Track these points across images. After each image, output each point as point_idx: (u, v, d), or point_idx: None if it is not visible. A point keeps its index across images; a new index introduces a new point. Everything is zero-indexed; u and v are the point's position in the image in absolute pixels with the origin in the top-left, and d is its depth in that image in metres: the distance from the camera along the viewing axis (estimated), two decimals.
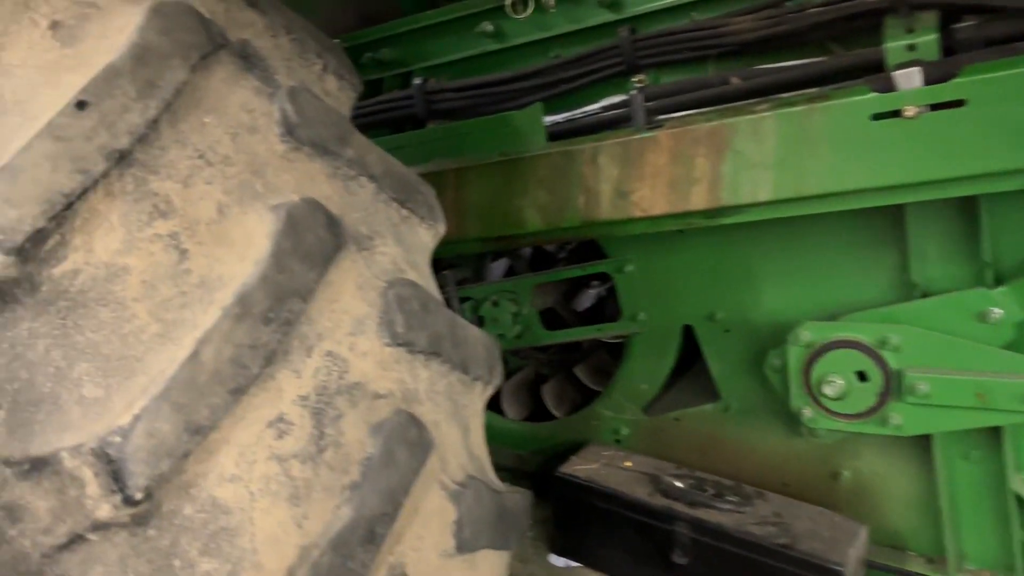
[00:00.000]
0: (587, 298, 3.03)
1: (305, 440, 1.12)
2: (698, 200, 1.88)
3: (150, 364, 1.03)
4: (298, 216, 1.16)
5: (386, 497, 1.17)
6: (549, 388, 2.80)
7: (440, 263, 2.78)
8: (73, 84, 1.05)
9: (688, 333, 2.41)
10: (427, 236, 1.53)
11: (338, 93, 1.50)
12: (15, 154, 0.98)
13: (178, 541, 1.03)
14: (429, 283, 1.47)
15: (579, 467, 2.40)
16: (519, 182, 2.14)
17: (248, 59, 1.28)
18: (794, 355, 2.11)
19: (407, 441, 1.21)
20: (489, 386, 1.53)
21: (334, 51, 1.54)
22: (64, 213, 1.00)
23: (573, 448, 2.71)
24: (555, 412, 2.77)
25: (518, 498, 1.53)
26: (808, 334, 2.08)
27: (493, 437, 2.78)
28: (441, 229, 1.56)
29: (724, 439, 2.43)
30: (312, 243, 1.17)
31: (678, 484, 2.28)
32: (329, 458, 1.14)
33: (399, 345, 1.26)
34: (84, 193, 1.02)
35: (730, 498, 2.22)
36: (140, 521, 1.00)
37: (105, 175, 1.04)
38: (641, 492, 2.27)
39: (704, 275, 2.28)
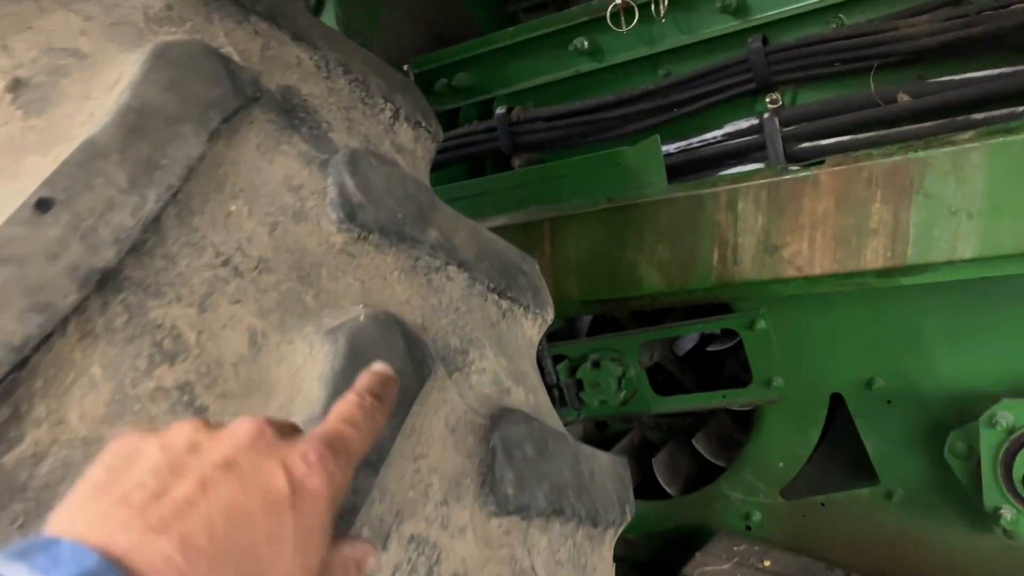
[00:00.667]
0: (688, 340, 2.62)
1: None
2: (874, 258, 1.46)
3: None
4: (365, 343, 0.80)
5: None
6: (661, 460, 2.39)
7: None
8: (36, 172, 0.72)
9: (835, 401, 1.98)
10: (532, 329, 1.16)
11: (414, 146, 1.15)
12: None
13: None
14: (541, 400, 1.10)
15: (708, 568, 1.99)
16: (632, 234, 1.75)
17: (292, 113, 0.93)
18: (988, 441, 1.67)
19: None
20: (622, 527, 1.15)
21: (407, 90, 1.18)
22: (15, 375, 0.66)
23: (692, 534, 2.30)
24: (668, 488, 2.36)
25: None
26: (1008, 416, 1.63)
27: None
28: (549, 316, 1.19)
29: (884, 531, 1.98)
30: (386, 379, 0.81)
31: None
32: None
33: (511, 513, 0.89)
34: (47, 340, 0.67)
35: None
36: None
37: (80, 309, 0.69)
38: None
39: (860, 333, 1.85)
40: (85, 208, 0.71)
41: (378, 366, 0.71)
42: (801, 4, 1.78)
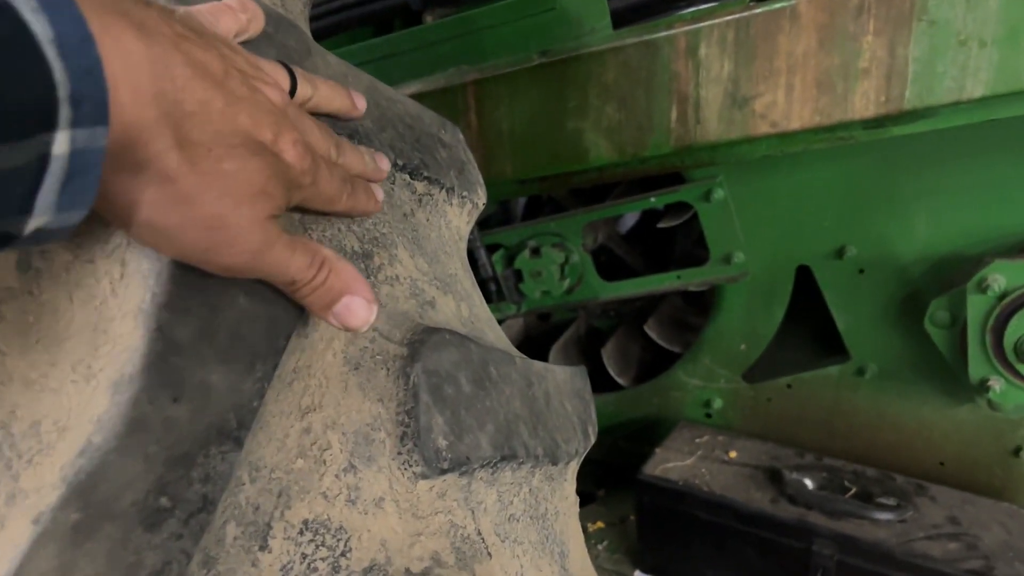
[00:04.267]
0: (630, 217, 2.39)
1: None
2: (865, 105, 1.22)
3: None
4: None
5: None
6: (610, 350, 2.19)
7: None
8: None
9: (802, 274, 1.79)
10: (460, 218, 0.89)
11: None
12: None
13: None
14: (476, 307, 0.84)
15: (670, 464, 1.82)
16: (574, 94, 1.46)
17: None
18: (977, 307, 1.50)
19: None
20: (585, 452, 0.93)
21: None
22: None
23: (648, 426, 2.14)
24: (620, 379, 2.17)
25: None
26: (1000, 279, 1.46)
27: None
28: (481, 200, 0.92)
29: (855, 410, 1.84)
30: (243, 310, 0.54)
31: (808, 482, 1.71)
32: None
33: (444, 471, 0.65)
34: None
35: (883, 500, 1.65)
36: None
37: None
38: (761, 498, 1.70)
39: (829, 197, 1.64)
40: None
41: None
42: None
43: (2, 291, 0.50)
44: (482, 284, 2.00)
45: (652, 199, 1.79)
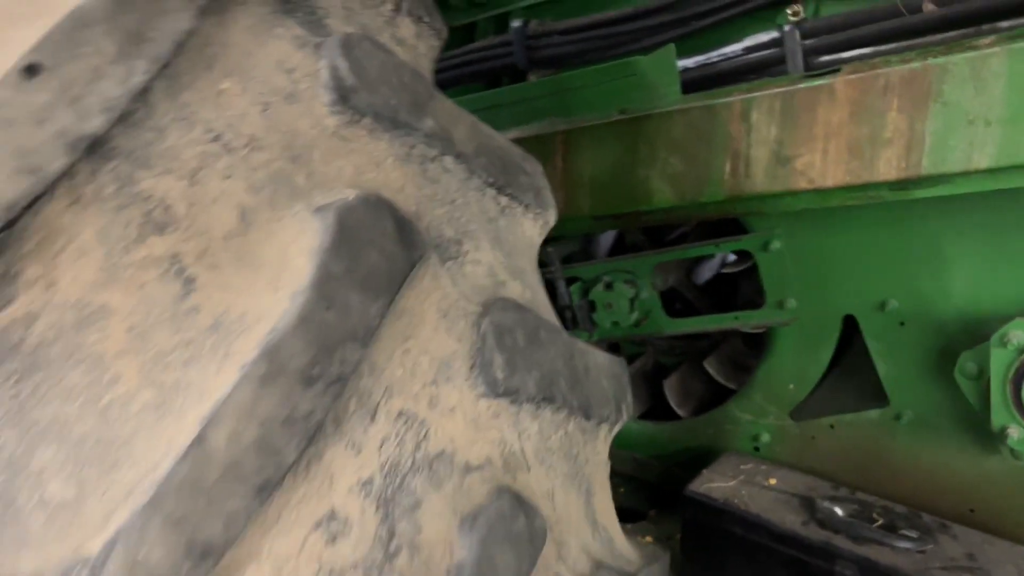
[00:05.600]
0: (707, 269, 2.60)
1: (368, 543, 0.78)
2: (888, 169, 1.43)
3: (139, 452, 0.70)
4: (355, 221, 0.81)
5: None
6: (672, 382, 2.40)
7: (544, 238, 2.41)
8: (22, 40, 0.72)
9: (849, 324, 1.97)
10: (533, 229, 1.15)
11: (415, 42, 1.13)
12: None
13: None
14: (539, 296, 1.10)
15: (714, 484, 2.01)
16: (645, 146, 1.72)
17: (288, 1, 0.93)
18: (999, 360, 1.65)
19: (511, 535, 0.86)
20: (617, 425, 1.16)
21: None
22: (4, 235, 0.68)
23: (701, 455, 2.32)
24: (679, 410, 2.37)
25: (655, 570, 1.17)
26: (1020, 335, 1.61)
27: None
28: (551, 218, 1.19)
29: (892, 453, 1.99)
30: (375, 259, 0.82)
31: (838, 511, 1.87)
32: (402, 567, 0.80)
33: (499, 395, 0.90)
34: (36, 202, 0.69)
35: (906, 532, 1.79)
36: None
37: (69, 174, 0.71)
38: (793, 520, 1.87)
39: (875, 254, 1.83)
40: (72, 75, 0.71)
41: None
42: None
43: (231, 230, 0.78)
44: (559, 311, 2.26)
45: (716, 246, 2.02)
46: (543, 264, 2.16)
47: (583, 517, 1.04)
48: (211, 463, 0.69)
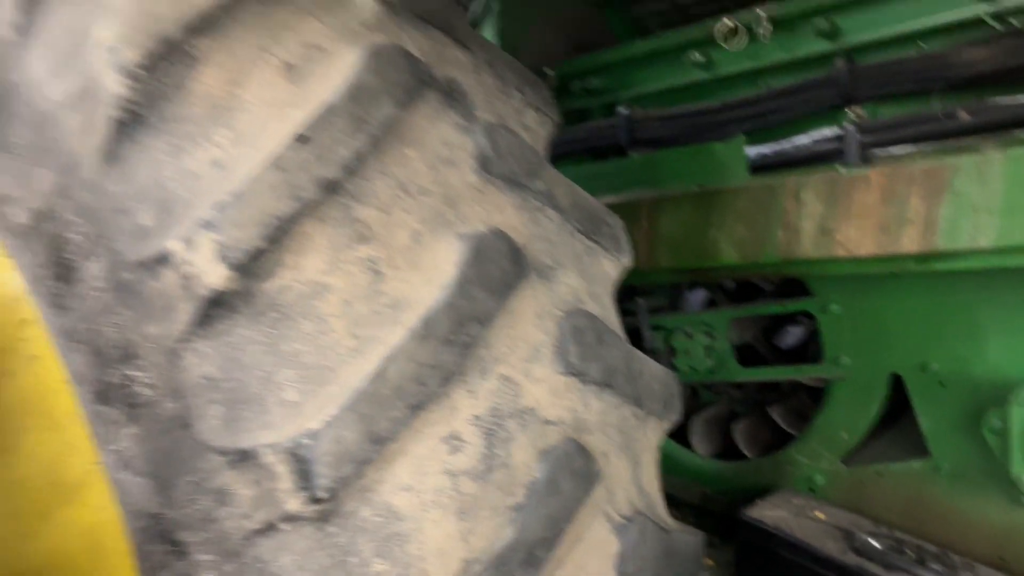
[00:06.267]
0: (790, 336, 2.90)
1: (476, 458, 1.18)
2: (910, 244, 1.75)
3: (342, 375, 1.13)
4: (484, 246, 1.23)
5: (548, 523, 1.20)
6: (742, 427, 2.70)
7: (634, 290, 2.79)
8: (297, 119, 1.18)
9: (897, 383, 2.24)
10: (611, 268, 1.54)
11: (536, 127, 1.56)
12: (245, 181, 1.12)
13: (355, 541, 1.12)
14: (609, 315, 1.49)
15: (767, 512, 2.30)
16: (716, 215, 2.10)
17: (452, 96, 1.37)
18: (1018, 417, 1.91)
19: (573, 470, 1.24)
20: (664, 422, 1.52)
21: (534, 85, 1.60)
22: (280, 235, 1.13)
23: (763, 492, 2.61)
24: (746, 452, 2.67)
25: (689, 539, 1.50)
26: None
27: (680, 471, 2.76)
28: (626, 261, 1.58)
29: (931, 501, 2.23)
30: (495, 272, 1.23)
31: (874, 543, 2.12)
32: (497, 478, 1.19)
33: (572, 375, 1.29)
34: (298, 218, 1.14)
35: (934, 566, 2.03)
36: (324, 518, 1.10)
37: (316, 202, 1.15)
38: (832, 547, 2.13)
39: (918, 322, 2.12)
40: (325, 143, 1.17)
41: None
42: (886, 32, 2.07)
43: (406, 245, 1.21)
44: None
45: (783, 306, 2.35)
46: (631, 312, 2.55)
47: (630, 480, 1.40)
48: (385, 385, 1.11)
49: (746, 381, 2.71)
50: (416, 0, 1.44)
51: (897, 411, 2.33)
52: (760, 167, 2.16)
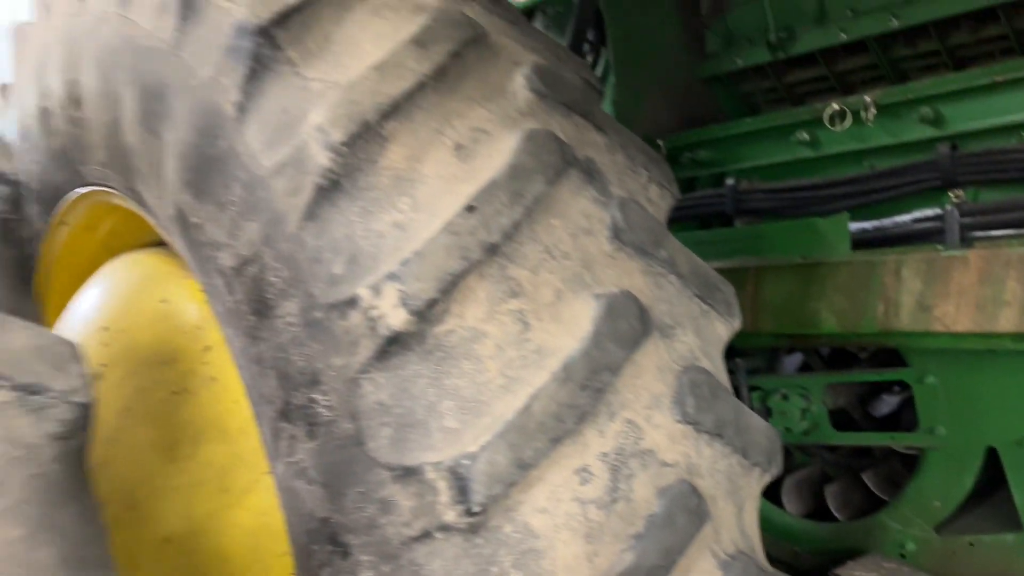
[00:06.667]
0: (885, 405, 2.98)
1: (602, 490, 1.36)
2: (1007, 323, 1.86)
3: (494, 409, 1.33)
4: (616, 305, 1.42)
5: (663, 553, 1.37)
6: (834, 489, 2.78)
7: (733, 351, 2.93)
8: (466, 192, 1.41)
9: (992, 455, 2.31)
10: (723, 330, 1.71)
11: (659, 200, 1.76)
12: (423, 242, 1.35)
13: (497, 552, 1.31)
14: (720, 373, 1.65)
15: (857, 574, 2.38)
16: (817, 285, 2.24)
17: (590, 173, 1.59)
18: None
19: (687, 507, 1.40)
20: (767, 474, 1.66)
21: (658, 163, 1.80)
22: (450, 288, 1.35)
23: (853, 554, 2.67)
24: (838, 514, 2.75)
25: None
26: None
27: (771, 529, 2.85)
28: (736, 325, 1.74)
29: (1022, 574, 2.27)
30: (625, 328, 1.42)
31: None
32: (620, 509, 1.36)
33: (688, 423, 1.46)
34: (465, 274, 1.36)
35: None
36: (474, 529, 1.29)
37: (480, 262, 1.37)
38: None
39: (1015, 397, 2.19)
40: (489, 212, 1.39)
41: None
42: (989, 122, 2.20)
43: (550, 301, 1.42)
44: None
45: (879, 374, 2.45)
46: (731, 372, 2.68)
47: (735, 523, 1.55)
48: (531, 420, 1.30)
49: (839, 445, 2.80)
50: (561, 90, 1.67)
51: (992, 483, 2.39)
52: (862, 242, 2.30)
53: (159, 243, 2.25)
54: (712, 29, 3.19)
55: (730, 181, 2.73)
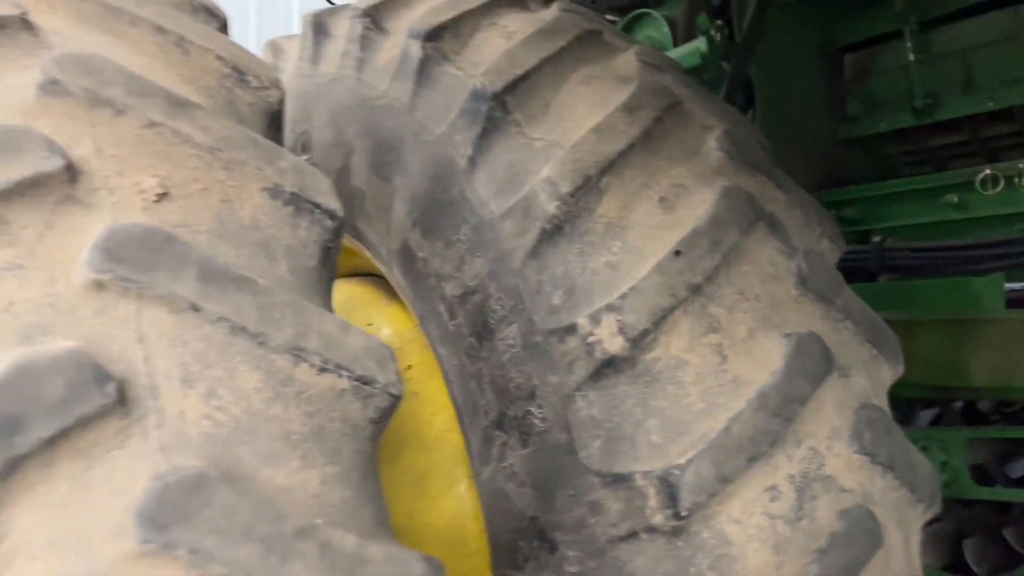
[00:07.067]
0: (1021, 467, 3.01)
1: (789, 507, 1.52)
2: None
3: (695, 429, 1.52)
4: (804, 344, 1.60)
5: (844, 569, 1.52)
6: (972, 544, 2.83)
7: None
8: (672, 239, 1.63)
9: None
10: (888, 375, 1.86)
11: (829, 253, 1.93)
12: (638, 280, 1.57)
13: (695, 555, 1.49)
14: (888, 412, 1.80)
15: None
16: (970, 340, 2.34)
17: (775, 226, 1.78)
18: None
19: (865, 530, 1.55)
20: (929, 511, 1.79)
21: (828, 221, 1.98)
22: (660, 321, 1.56)
23: None
24: (975, 569, 2.79)
25: None
26: None
27: None
28: (900, 370, 1.89)
29: None
30: (811, 365, 1.60)
31: None
32: (804, 526, 1.53)
33: (864, 454, 1.61)
34: (672, 309, 1.57)
35: None
36: (676, 533, 1.48)
37: (685, 300, 1.58)
38: None
39: None
40: (693, 257, 1.60)
41: None
42: None
43: (744, 337, 1.61)
44: None
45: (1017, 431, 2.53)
46: None
47: (902, 552, 1.68)
48: (731, 440, 1.49)
49: (976, 500, 2.85)
50: (745, 151, 1.88)
51: None
52: (1014, 302, 2.40)
53: (356, 274, 2.55)
54: (854, 93, 3.35)
55: (876, 239, 2.86)
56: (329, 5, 2.92)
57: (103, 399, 0.94)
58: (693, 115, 1.89)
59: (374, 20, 2.17)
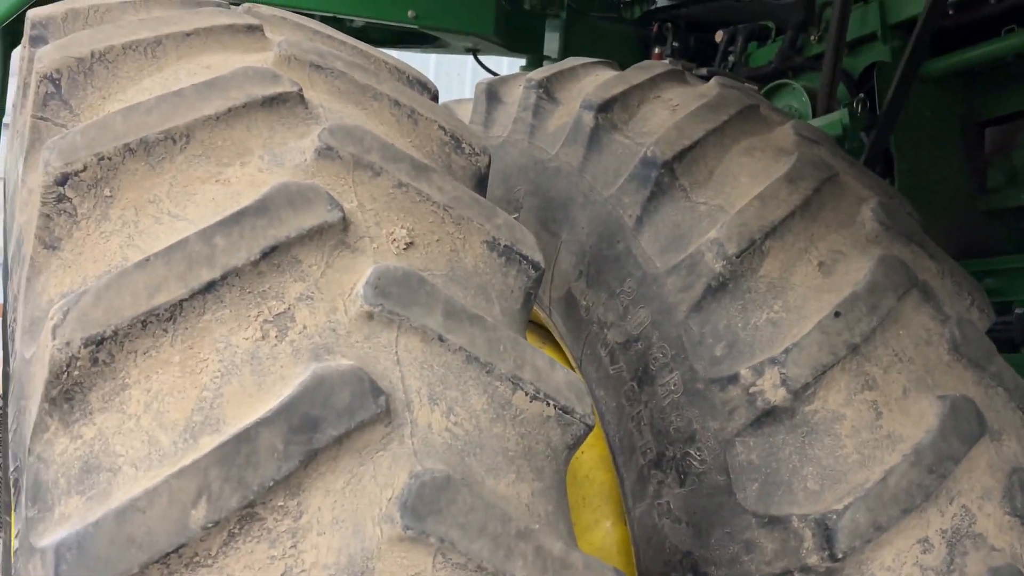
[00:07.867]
0: None
1: (940, 561, 1.61)
2: None
3: (850, 478, 1.63)
4: (958, 406, 1.69)
5: None
6: None
7: None
8: (831, 301, 1.75)
9: None
10: None
11: (979, 322, 2.01)
12: (800, 338, 1.70)
13: None
14: None
15: None
16: None
17: (927, 294, 1.88)
18: None
19: None
20: None
21: (979, 291, 2.06)
22: (820, 376, 1.68)
23: None
24: None
25: None
26: None
27: None
28: None
29: None
30: (965, 426, 1.68)
31: None
32: None
33: (1016, 516, 1.68)
34: (831, 366, 1.69)
35: None
36: (830, 574, 1.58)
37: (844, 358, 1.70)
38: None
39: None
40: (854, 318, 1.71)
41: None
42: None
43: (897, 397, 1.71)
44: None
45: None
46: None
47: None
48: (887, 491, 1.59)
49: None
50: (899, 222, 1.99)
51: None
52: None
53: None
54: (996, 166, 3.38)
55: (1019, 310, 2.88)
56: (495, 75, 3.21)
57: (376, 409, 1.15)
58: (849, 186, 2.02)
59: (547, 90, 2.41)
